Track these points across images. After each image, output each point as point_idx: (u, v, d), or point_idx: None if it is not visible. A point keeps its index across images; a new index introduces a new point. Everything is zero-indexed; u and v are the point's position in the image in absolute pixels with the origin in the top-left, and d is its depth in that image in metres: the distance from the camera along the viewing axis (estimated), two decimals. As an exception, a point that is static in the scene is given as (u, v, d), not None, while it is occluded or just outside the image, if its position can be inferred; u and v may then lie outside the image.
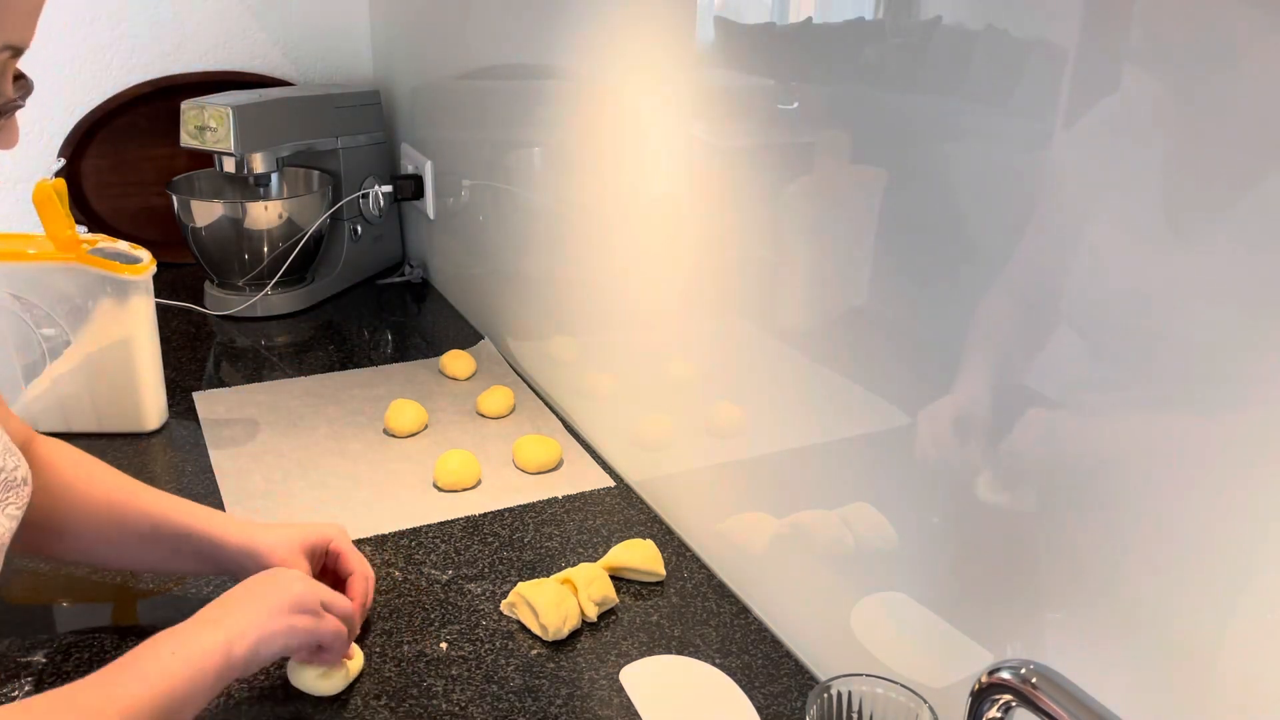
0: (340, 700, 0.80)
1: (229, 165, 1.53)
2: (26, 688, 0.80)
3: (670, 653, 0.87)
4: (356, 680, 0.82)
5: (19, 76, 0.64)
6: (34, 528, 0.80)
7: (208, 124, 1.49)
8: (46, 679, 0.81)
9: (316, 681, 0.80)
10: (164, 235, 1.71)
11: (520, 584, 0.91)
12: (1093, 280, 0.58)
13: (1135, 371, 0.56)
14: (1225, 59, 0.50)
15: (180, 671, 0.67)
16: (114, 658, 0.83)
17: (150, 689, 0.66)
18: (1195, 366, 0.53)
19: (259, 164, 1.54)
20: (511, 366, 1.43)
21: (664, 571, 0.97)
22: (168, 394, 1.25)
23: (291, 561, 0.83)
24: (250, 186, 1.63)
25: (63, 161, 1.68)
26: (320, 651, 0.78)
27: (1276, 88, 0.47)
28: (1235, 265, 0.51)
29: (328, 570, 0.89)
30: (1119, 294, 0.56)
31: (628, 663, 0.86)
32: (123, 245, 1.17)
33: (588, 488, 1.12)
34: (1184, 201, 0.53)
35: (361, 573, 0.87)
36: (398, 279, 1.79)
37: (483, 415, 1.28)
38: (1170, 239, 0.53)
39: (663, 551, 0.99)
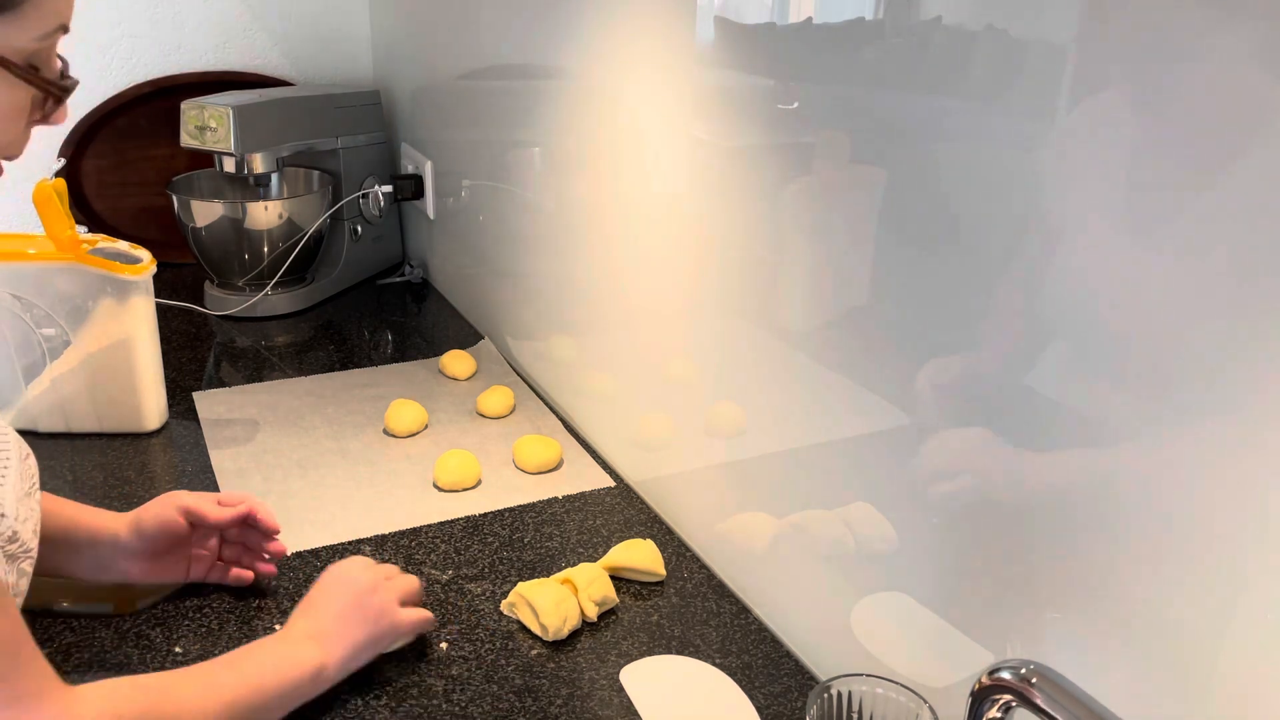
0: (340, 700, 0.80)
1: (229, 165, 1.53)
2: (26, 688, 0.80)
3: (670, 653, 0.87)
4: (356, 679, 0.82)
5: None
6: None
7: (208, 124, 1.49)
8: (46, 679, 0.81)
9: None
10: (164, 235, 1.71)
11: (520, 584, 0.91)
12: (1092, 279, 0.58)
13: (1136, 371, 0.56)
14: (1223, 55, 0.50)
15: (275, 684, 0.74)
16: (114, 658, 0.84)
17: (248, 689, 0.72)
18: (1196, 367, 0.53)
19: (259, 164, 1.54)
20: (511, 366, 1.43)
21: (664, 571, 0.97)
22: (168, 394, 1.25)
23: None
24: (250, 186, 1.63)
25: (63, 161, 1.68)
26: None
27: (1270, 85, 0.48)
28: (1236, 263, 0.51)
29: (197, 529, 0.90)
30: (1119, 293, 0.56)
31: (628, 663, 0.86)
32: (123, 245, 1.17)
33: (588, 488, 1.12)
34: (1181, 196, 0.53)
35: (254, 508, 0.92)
36: (398, 279, 1.79)
37: (483, 415, 1.28)
38: (1172, 237, 0.53)
39: (663, 551, 0.99)
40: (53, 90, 0.65)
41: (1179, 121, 0.52)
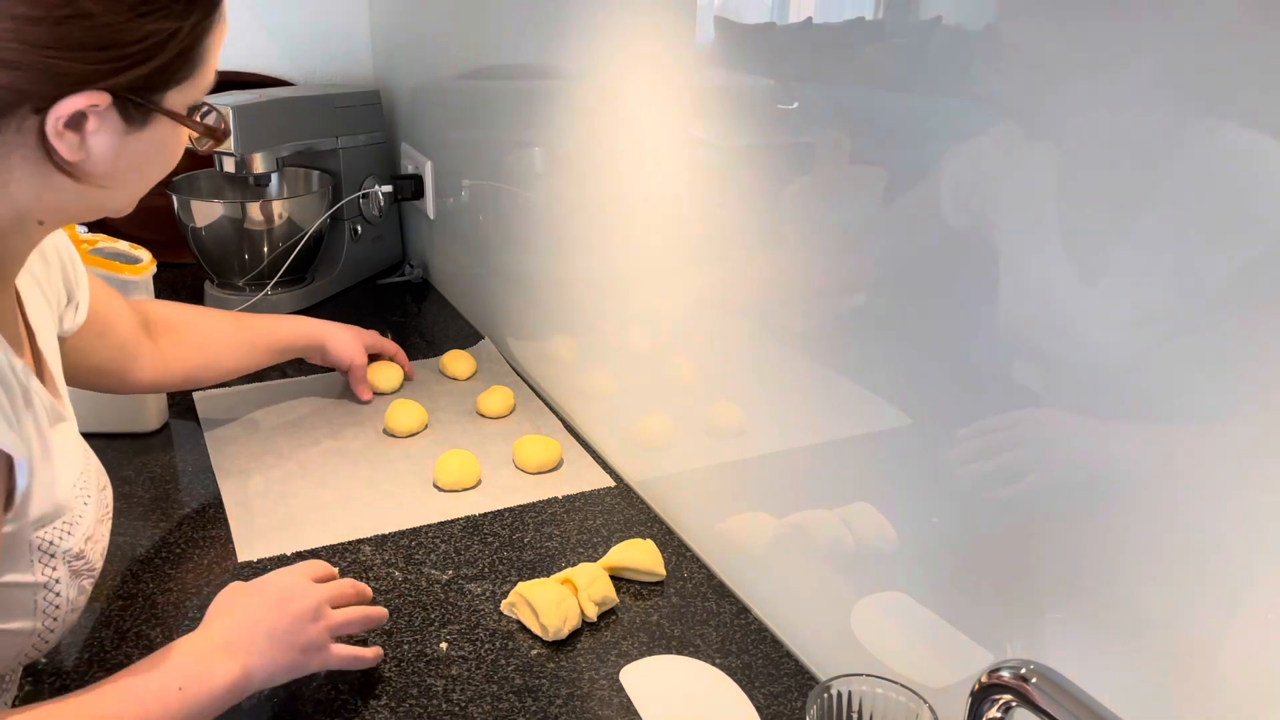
0: (340, 700, 0.80)
1: (229, 165, 1.53)
2: (27, 688, 0.80)
3: (670, 653, 0.87)
4: (356, 679, 0.82)
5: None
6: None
7: (208, 124, 1.49)
8: (46, 679, 0.81)
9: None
10: (164, 235, 1.71)
11: (520, 584, 0.91)
12: (1091, 278, 0.58)
13: (1136, 372, 0.56)
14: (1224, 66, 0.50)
15: (180, 707, 0.68)
16: (114, 658, 0.84)
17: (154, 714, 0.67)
18: (1197, 367, 0.53)
19: (259, 164, 1.54)
20: (511, 366, 1.43)
21: (664, 571, 0.97)
22: (168, 394, 1.25)
23: (353, 353, 1.29)
24: (250, 186, 1.63)
25: (63, 161, 1.68)
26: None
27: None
28: (1239, 264, 0.51)
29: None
30: (1119, 293, 0.56)
31: (628, 663, 0.86)
32: (123, 245, 1.17)
33: (588, 488, 1.12)
34: (1180, 196, 0.53)
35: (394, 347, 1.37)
36: (398, 279, 1.79)
37: (483, 415, 1.28)
38: (1173, 237, 0.53)
39: (663, 551, 0.99)
40: (217, 134, 0.72)
41: (1173, 117, 0.52)
